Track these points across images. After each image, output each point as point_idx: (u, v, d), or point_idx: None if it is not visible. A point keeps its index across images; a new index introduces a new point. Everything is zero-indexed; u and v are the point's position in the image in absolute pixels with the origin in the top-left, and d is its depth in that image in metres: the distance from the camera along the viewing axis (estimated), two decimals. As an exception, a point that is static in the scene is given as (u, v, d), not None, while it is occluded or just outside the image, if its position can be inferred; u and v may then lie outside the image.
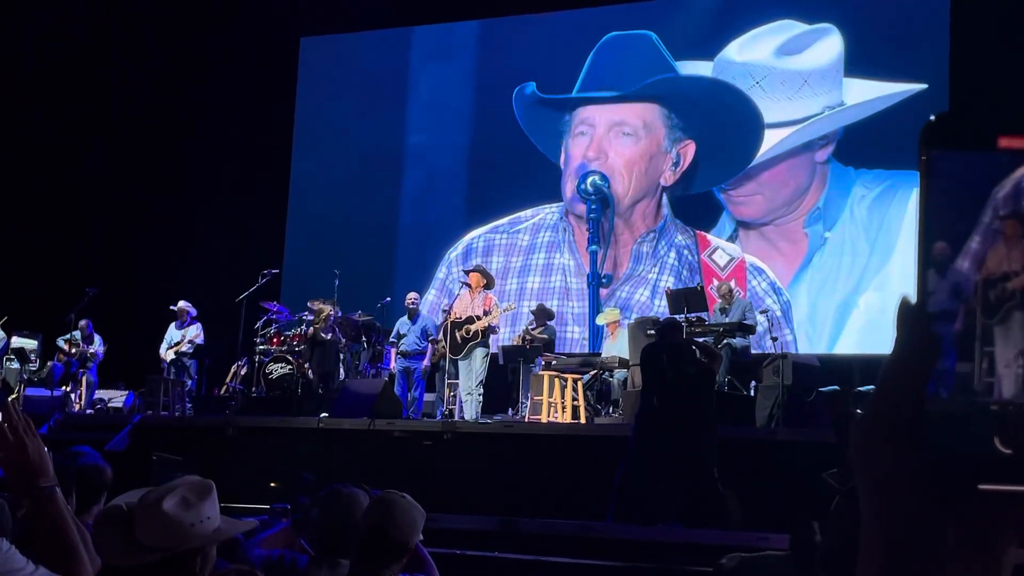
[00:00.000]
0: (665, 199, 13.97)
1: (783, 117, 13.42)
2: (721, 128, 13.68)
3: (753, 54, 13.70)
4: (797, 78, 13.43)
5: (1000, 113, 0.57)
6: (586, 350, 13.32)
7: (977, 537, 0.57)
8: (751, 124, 13.45)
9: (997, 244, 0.55)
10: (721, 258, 13.55)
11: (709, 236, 13.70)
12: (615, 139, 14.17)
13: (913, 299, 0.57)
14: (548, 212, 14.56)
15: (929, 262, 0.56)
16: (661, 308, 12.77)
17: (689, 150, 13.81)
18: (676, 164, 13.84)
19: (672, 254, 13.81)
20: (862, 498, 0.59)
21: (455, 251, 14.77)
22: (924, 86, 12.68)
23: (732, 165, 13.58)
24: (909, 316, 0.57)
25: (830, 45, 13.39)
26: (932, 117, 0.57)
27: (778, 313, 12.74)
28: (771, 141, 13.46)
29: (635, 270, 13.93)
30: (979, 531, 0.57)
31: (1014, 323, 0.54)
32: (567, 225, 14.42)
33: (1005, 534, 0.57)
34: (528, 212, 14.61)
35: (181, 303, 13.12)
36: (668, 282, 13.48)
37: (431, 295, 12.28)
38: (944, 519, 0.57)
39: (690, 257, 13.70)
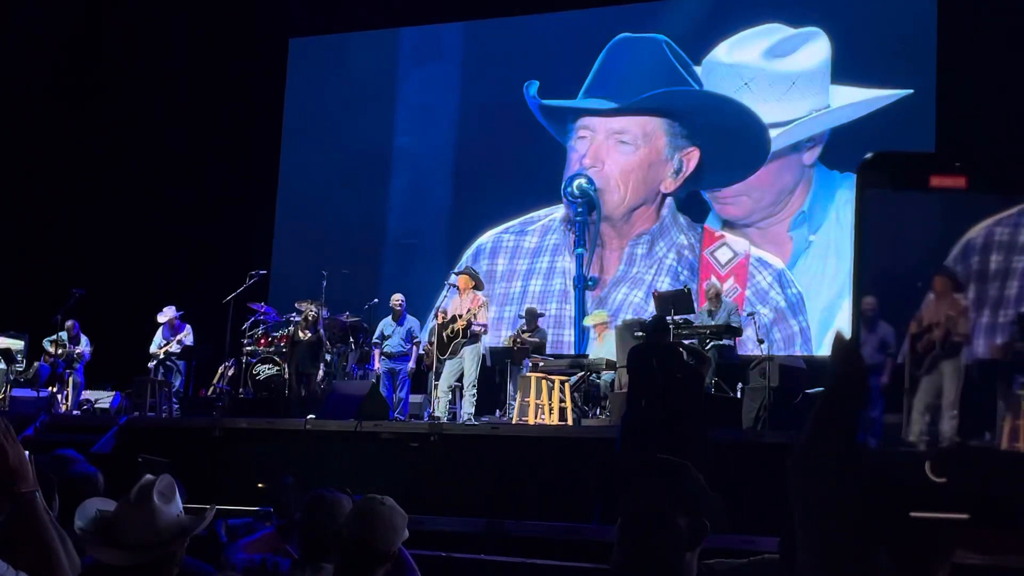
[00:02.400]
0: (668, 202, 13.89)
1: (771, 119, 13.46)
2: (724, 134, 13.61)
3: (742, 55, 13.74)
4: (786, 80, 13.47)
5: (931, 152, 0.58)
6: (573, 352, 13.31)
7: (909, 565, 0.58)
8: (754, 129, 13.43)
9: (929, 299, 0.57)
10: (724, 255, 13.47)
11: (717, 231, 13.61)
12: (612, 148, 14.13)
13: (848, 333, 0.59)
14: (557, 213, 14.41)
15: (863, 296, 0.58)
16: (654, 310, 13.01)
17: (693, 156, 13.74)
18: (678, 171, 13.76)
19: (672, 255, 13.74)
20: (798, 526, 0.60)
21: (467, 252, 14.59)
22: (910, 91, 12.74)
23: (739, 169, 13.51)
24: (843, 349, 0.59)
25: (818, 48, 13.44)
26: (867, 155, 0.59)
27: (783, 304, 12.80)
28: (759, 143, 13.51)
29: (627, 272, 13.87)
30: (911, 559, 0.58)
31: (936, 373, 0.56)
32: (566, 228, 14.37)
33: (937, 562, 0.58)
34: (541, 212, 14.47)
35: (167, 311, 13.01)
36: (664, 283, 13.41)
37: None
38: (877, 547, 0.58)
39: (691, 256, 13.65)
